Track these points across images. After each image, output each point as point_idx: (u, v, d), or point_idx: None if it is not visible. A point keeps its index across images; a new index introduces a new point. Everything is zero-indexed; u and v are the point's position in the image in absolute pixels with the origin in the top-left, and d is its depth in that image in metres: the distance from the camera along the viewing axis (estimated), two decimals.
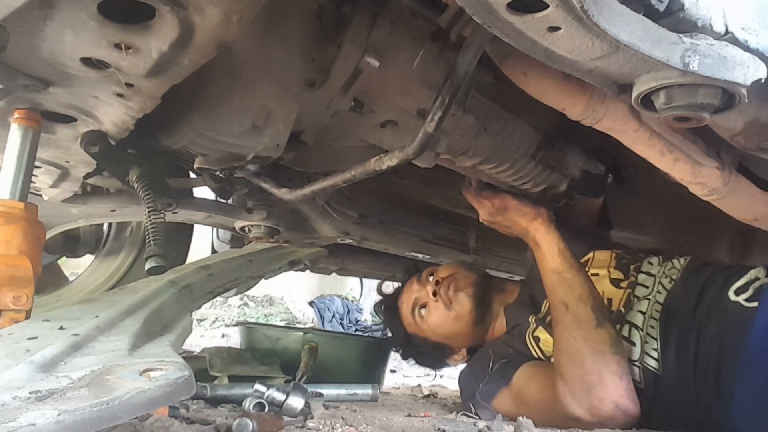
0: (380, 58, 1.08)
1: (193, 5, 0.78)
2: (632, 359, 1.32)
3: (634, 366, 1.31)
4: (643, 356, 1.31)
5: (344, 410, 1.37)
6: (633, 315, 1.39)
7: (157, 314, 1.16)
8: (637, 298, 1.43)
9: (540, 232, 1.48)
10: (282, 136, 1.16)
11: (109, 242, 2.25)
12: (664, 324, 1.33)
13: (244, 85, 1.06)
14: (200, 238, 2.38)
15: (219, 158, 1.23)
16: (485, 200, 1.57)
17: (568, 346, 1.30)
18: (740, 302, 1.25)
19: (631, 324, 1.37)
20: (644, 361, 1.31)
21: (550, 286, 1.41)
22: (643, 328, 1.35)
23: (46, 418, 0.56)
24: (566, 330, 1.32)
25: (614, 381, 1.23)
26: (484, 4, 0.67)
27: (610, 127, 1.07)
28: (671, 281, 1.42)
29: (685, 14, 0.73)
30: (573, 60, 0.76)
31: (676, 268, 1.45)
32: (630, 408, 1.23)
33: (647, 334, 1.33)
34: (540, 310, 1.54)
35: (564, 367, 1.29)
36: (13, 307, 0.98)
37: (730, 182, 1.16)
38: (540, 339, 1.48)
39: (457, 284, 1.69)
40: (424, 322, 1.72)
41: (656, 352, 1.30)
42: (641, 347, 1.32)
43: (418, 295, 1.75)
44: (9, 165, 1.06)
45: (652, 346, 1.31)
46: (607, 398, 1.22)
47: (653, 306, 1.38)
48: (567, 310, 1.34)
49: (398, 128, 1.25)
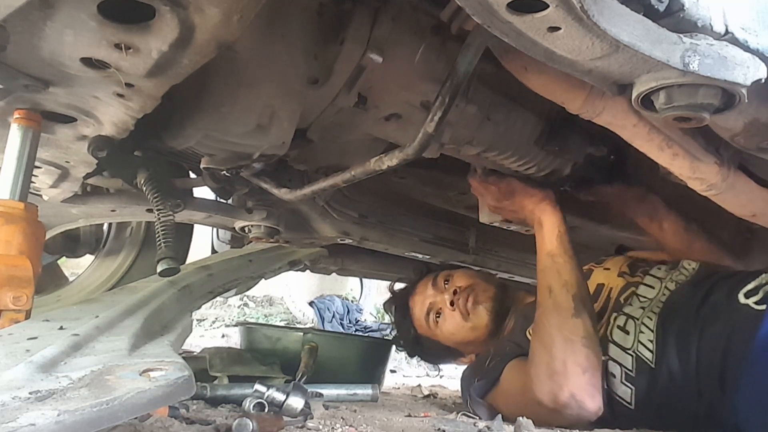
0: (383, 54, 1.09)
1: (193, 5, 0.78)
2: (625, 347, 1.32)
3: (627, 354, 1.31)
4: (637, 345, 1.31)
5: (344, 410, 1.37)
6: (633, 309, 1.39)
7: (157, 314, 1.16)
8: (639, 297, 1.43)
9: (546, 212, 1.49)
10: (287, 134, 1.16)
11: (109, 242, 2.24)
12: (663, 317, 1.33)
13: (247, 84, 1.06)
14: (200, 238, 2.38)
15: (225, 158, 1.23)
16: (492, 185, 1.57)
17: (542, 330, 1.32)
18: (750, 305, 1.25)
19: (628, 315, 1.38)
20: (638, 350, 1.31)
21: (541, 268, 1.43)
22: (640, 319, 1.35)
23: (46, 419, 0.56)
24: (544, 314, 1.34)
25: (576, 372, 1.24)
26: (484, 4, 0.67)
27: (609, 122, 1.08)
28: (677, 285, 1.43)
29: (685, 14, 0.73)
30: (573, 60, 0.76)
31: (683, 273, 1.46)
32: (586, 402, 1.23)
33: (642, 324, 1.34)
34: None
35: (534, 351, 1.32)
36: (13, 307, 0.98)
37: (729, 178, 1.16)
38: None
39: (476, 297, 1.70)
40: (438, 328, 1.74)
41: (651, 344, 1.30)
42: (635, 336, 1.33)
43: (434, 300, 1.76)
44: (9, 165, 1.06)
45: (647, 337, 1.32)
46: (565, 387, 1.23)
47: (655, 303, 1.39)
48: (550, 294, 1.35)
49: (403, 121, 1.25)
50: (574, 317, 1.30)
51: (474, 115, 1.28)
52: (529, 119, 1.38)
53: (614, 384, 1.31)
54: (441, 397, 2.22)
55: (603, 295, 1.52)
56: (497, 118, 1.33)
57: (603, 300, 1.50)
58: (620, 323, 1.37)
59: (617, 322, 1.38)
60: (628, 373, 1.29)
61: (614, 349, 1.34)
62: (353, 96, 1.15)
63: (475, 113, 1.28)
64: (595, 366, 1.27)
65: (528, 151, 1.41)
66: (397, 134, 1.29)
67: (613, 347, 1.34)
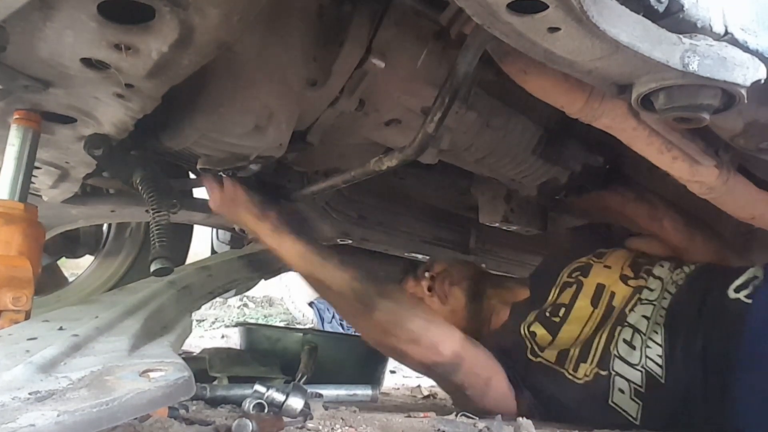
0: (385, 59, 1.09)
1: (194, 6, 0.78)
2: (632, 363, 1.31)
3: (635, 370, 1.30)
4: (646, 361, 1.31)
5: (344, 411, 1.37)
6: (636, 319, 1.38)
7: (156, 315, 1.16)
8: (642, 301, 1.42)
9: (269, 239, 1.42)
10: (284, 135, 1.16)
11: (108, 243, 2.24)
12: (669, 330, 1.33)
13: (246, 85, 1.06)
14: (200, 238, 2.38)
15: (222, 159, 1.23)
16: (215, 186, 1.43)
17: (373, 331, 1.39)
18: (740, 299, 1.26)
19: (634, 328, 1.37)
20: (647, 366, 1.30)
21: (314, 287, 1.46)
22: (646, 333, 1.34)
23: (46, 419, 0.55)
24: (352, 319, 1.42)
25: (421, 337, 1.34)
26: (484, 5, 0.67)
27: (609, 125, 1.07)
28: (677, 287, 1.42)
29: (684, 15, 0.73)
30: (573, 61, 0.76)
31: (683, 275, 1.46)
32: (441, 347, 1.34)
33: (649, 339, 1.33)
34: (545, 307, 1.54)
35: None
36: (13, 308, 0.97)
37: (729, 181, 1.16)
38: (536, 334, 1.46)
39: (452, 278, 1.70)
40: None
41: (660, 359, 1.30)
42: (643, 351, 1.32)
43: (414, 291, 1.75)
44: (9, 165, 1.06)
45: (656, 352, 1.31)
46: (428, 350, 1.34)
47: (658, 311, 1.38)
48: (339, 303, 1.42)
49: (402, 126, 1.25)
50: (367, 313, 1.35)
51: (474, 121, 1.28)
52: (527, 127, 1.39)
53: (622, 400, 1.29)
54: (441, 398, 2.21)
55: (604, 299, 1.49)
56: (496, 124, 1.33)
57: (605, 305, 1.47)
58: (626, 337, 1.35)
59: (622, 335, 1.36)
60: (638, 389, 1.28)
61: (620, 364, 1.32)
62: (355, 100, 1.15)
63: (475, 119, 1.28)
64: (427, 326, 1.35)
65: (525, 158, 1.42)
66: (397, 139, 1.28)
67: (619, 362, 1.32)
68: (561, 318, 1.46)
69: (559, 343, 1.42)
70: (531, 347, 1.45)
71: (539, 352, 1.44)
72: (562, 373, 1.35)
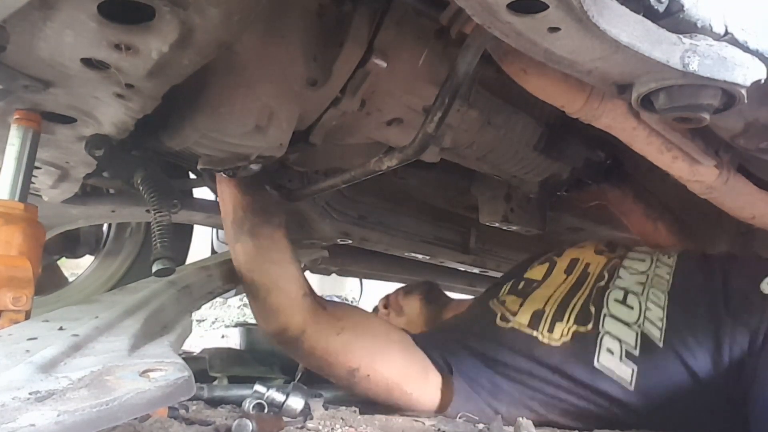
0: (387, 59, 1.09)
1: (194, 6, 0.78)
2: (627, 321, 1.28)
3: (630, 329, 1.27)
4: (644, 321, 1.28)
5: (344, 411, 1.37)
6: (629, 284, 1.36)
7: (156, 315, 1.15)
8: (628, 269, 1.42)
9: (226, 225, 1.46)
10: (285, 135, 1.16)
11: (108, 243, 2.24)
12: (676, 298, 1.30)
13: (246, 85, 1.06)
14: (200, 238, 2.38)
15: (222, 159, 1.23)
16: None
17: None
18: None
19: (625, 289, 1.35)
20: (644, 327, 1.27)
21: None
22: (644, 294, 1.33)
23: (46, 419, 0.55)
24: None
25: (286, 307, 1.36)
26: (484, 4, 0.67)
27: (609, 125, 1.08)
28: (679, 260, 1.41)
29: (684, 15, 0.73)
30: (573, 60, 0.76)
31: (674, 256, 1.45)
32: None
33: (649, 300, 1.31)
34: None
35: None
36: (13, 308, 0.97)
37: (729, 181, 1.17)
38: (506, 302, 1.46)
39: (405, 290, 1.80)
40: None
41: (661, 322, 1.26)
42: (641, 312, 1.29)
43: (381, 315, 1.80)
44: (9, 165, 1.06)
45: (656, 315, 1.28)
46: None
47: (657, 281, 1.36)
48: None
49: (404, 125, 1.26)
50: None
51: (475, 119, 1.29)
52: (529, 124, 1.39)
53: (611, 362, 1.23)
54: None
55: (578, 268, 1.48)
56: (498, 122, 1.33)
57: (579, 272, 1.47)
58: (618, 297, 1.33)
59: (613, 296, 1.34)
60: (630, 351, 1.23)
61: (612, 323, 1.28)
62: (358, 100, 1.15)
63: (476, 117, 1.28)
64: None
65: (527, 155, 1.42)
66: (399, 139, 1.29)
67: (610, 321, 1.28)
68: (533, 288, 1.47)
69: (532, 303, 1.38)
70: (501, 314, 1.41)
71: (510, 317, 1.39)
72: (536, 338, 1.30)
